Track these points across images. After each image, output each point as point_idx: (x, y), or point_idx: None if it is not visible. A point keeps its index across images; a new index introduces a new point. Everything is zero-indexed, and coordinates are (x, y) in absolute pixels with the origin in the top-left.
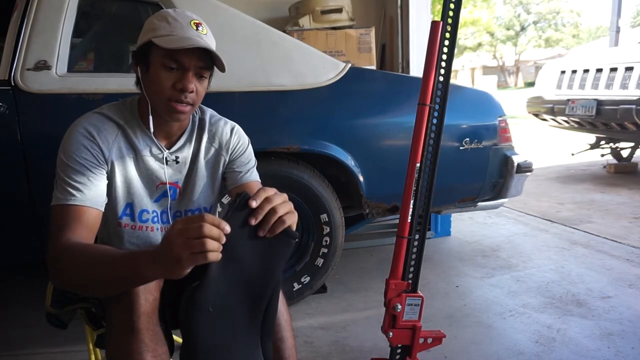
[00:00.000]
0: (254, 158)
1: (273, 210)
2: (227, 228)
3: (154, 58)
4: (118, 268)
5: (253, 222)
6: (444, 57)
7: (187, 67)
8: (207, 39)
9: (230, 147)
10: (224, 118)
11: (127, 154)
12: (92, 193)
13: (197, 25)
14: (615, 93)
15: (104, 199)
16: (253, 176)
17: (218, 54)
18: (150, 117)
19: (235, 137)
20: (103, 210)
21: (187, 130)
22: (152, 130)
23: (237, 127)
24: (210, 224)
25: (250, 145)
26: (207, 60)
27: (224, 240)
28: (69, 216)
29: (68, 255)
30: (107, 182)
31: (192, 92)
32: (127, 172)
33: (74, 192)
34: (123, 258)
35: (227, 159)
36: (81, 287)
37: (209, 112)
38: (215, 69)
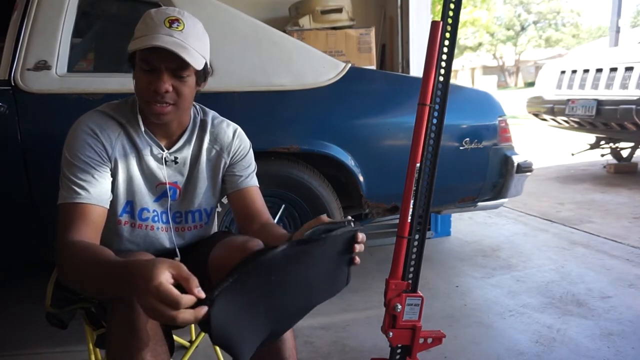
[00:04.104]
0: (254, 162)
1: None
2: (202, 295)
3: (136, 60)
4: (108, 276)
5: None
6: (444, 57)
7: (159, 68)
8: (181, 35)
9: (232, 149)
10: (227, 120)
11: (130, 152)
12: (97, 191)
13: (172, 22)
14: (615, 93)
15: (108, 196)
16: (253, 181)
17: (186, 53)
18: (139, 117)
19: (237, 140)
20: (108, 207)
21: (187, 130)
22: (142, 129)
23: (239, 130)
24: (184, 316)
25: (251, 150)
26: (181, 60)
27: (201, 314)
28: (75, 214)
29: (70, 255)
30: (111, 179)
31: (167, 92)
32: (129, 170)
33: (79, 190)
34: (113, 268)
35: (228, 162)
36: (82, 287)
37: (212, 113)
38: (215, 67)
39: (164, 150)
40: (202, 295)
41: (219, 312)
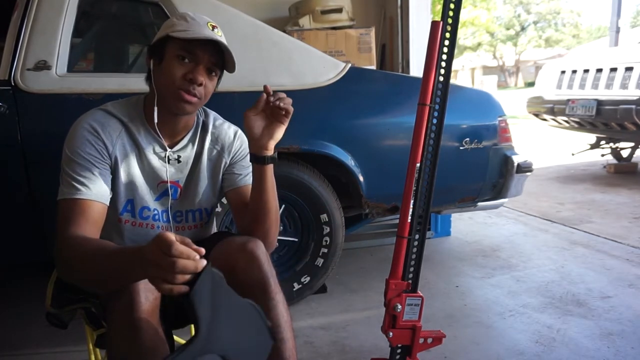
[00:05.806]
0: None
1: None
2: (202, 250)
3: (169, 50)
4: (113, 263)
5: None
6: (444, 57)
7: (201, 60)
8: (222, 40)
9: (233, 150)
10: (228, 121)
11: (131, 151)
12: (97, 187)
13: (214, 27)
14: (615, 93)
15: (108, 193)
16: (251, 180)
17: (230, 54)
18: (155, 109)
19: (238, 141)
20: (108, 204)
21: (191, 130)
22: (155, 121)
23: (240, 131)
24: (185, 259)
25: None
26: (219, 58)
27: (201, 266)
28: (75, 210)
29: (71, 249)
30: (111, 177)
31: (201, 84)
32: (130, 168)
33: (79, 186)
34: (118, 253)
35: (228, 162)
36: (84, 281)
37: (213, 114)
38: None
39: (167, 149)
40: (202, 250)
41: (209, 277)
